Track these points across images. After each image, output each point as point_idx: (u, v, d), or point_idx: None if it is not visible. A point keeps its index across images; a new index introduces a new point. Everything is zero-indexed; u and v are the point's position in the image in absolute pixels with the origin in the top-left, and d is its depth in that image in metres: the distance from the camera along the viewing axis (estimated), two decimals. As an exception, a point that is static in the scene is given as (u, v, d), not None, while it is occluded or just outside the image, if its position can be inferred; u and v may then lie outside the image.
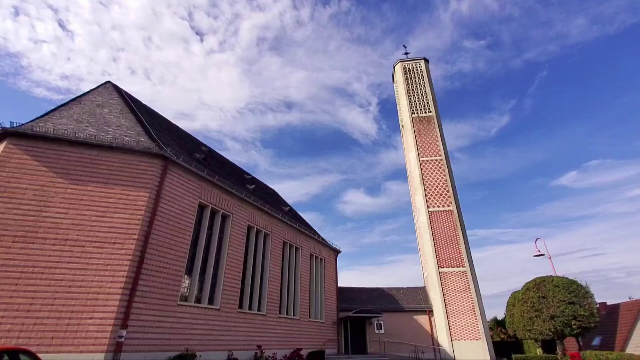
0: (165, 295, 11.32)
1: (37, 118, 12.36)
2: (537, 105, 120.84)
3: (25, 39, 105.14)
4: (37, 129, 11.20)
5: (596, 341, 23.01)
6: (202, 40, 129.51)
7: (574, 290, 18.29)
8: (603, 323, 22.55)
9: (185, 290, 12.57)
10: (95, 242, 10.32)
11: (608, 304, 24.84)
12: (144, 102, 18.39)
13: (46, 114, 12.77)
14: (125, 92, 17.07)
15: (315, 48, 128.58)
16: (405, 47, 37.79)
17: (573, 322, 17.68)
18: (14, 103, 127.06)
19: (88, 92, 15.36)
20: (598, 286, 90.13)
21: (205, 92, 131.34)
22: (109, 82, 16.71)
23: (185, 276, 12.61)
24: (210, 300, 13.50)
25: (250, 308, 15.57)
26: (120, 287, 9.92)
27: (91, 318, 9.40)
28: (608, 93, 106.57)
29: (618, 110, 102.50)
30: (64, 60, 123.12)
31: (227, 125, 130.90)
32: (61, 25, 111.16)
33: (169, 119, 20.18)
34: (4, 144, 10.78)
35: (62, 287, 9.54)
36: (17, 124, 11.10)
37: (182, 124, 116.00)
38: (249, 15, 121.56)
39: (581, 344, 21.38)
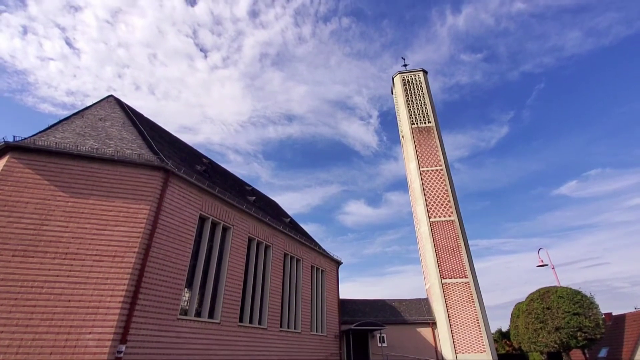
0: (165, 309, 11.20)
1: (40, 132, 12.46)
2: (535, 116, 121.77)
3: (32, 56, 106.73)
4: (40, 143, 11.28)
5: (603, 353, 22.57)
6: (206, 57, 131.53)
7: (578, 301, 18.05)
8: (609, 334, 22.18)
9: (186, 304, 12.44)
10: (95, 255, 10.27)
11: (614, 314, 24.47)
12: (146, 116, 18.56)
13: (49, 127, 12.88)
14: (128, 106, 17.24)
15: (317, 63, 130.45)
16: (404, 59, 37.97)
17: (579, 334, 17.38)
18: (20, 119, 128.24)
19: (90, 106, 15.51)
20: (602, 296, 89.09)
21: (208, 107, 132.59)
22: (111, 96, 16.88)
23: (186, 289, 12.50)
24: (211, 314, 13.35)
25: (250, 322, 15.38)
26: (119, 301, 9.82)
27: (90, 333, 9.28)
28: (606, 103, 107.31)
29: (616, 120, 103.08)
30: (70, 77, 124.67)
31: (230, 138, 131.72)
32: (68, 43, 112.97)
33: (171, 132, 20.34)
34: (6, 158, 10.84)
35: (61, 301, 9.45)
36: (20, 138, 11.18)
37: (185, 138, 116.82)
38: (252, 32, 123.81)
39: (587, 356, 20.98)
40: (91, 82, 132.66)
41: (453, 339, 23.10)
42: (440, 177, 28.97)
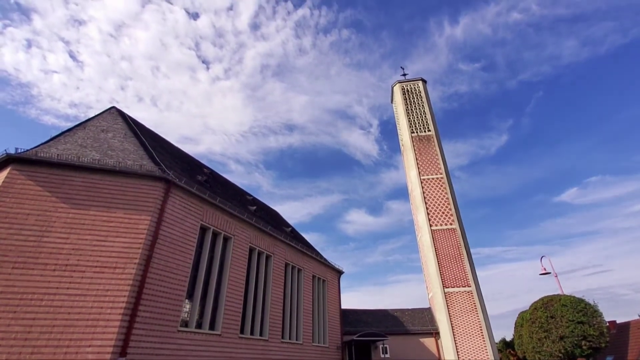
0: (166, 321, 11.10)
1: (42, 144, 12.53)
2: (534, 123, 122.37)
3: (36, 69, 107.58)
4: (41, 155, 11.33)
5: (608, 362, 22.25)
6: (208, 69, 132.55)
7: (582, 309, 17.86)
8: (614, 342, 21.88)
9: (186, 315, 12.33)
10: (96, 267, 10.23)
11: (618, 322, 24.19)
12: (148, 127, 18.65)
13: (51, 139, 12.95)
14: (130, 117, 17.35)
15: (317, 73, 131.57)
16: (403, 69, 38.39)
17: (583, 343, 17.16)
18: (22, 131, 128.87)
19: (93, 117, 15.61)
20: (606, 304, 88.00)
21: (210, 117, 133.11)
22: (113, 107, 17.01)
23: (186, 300, 12.40)
24: (212, 326, 13.21)
25: (252, 333, 15.21)
26: (120, 313, 9.75)
27: (90, 346, 9.18)
28: (603, 111, 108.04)
29: (614, 127, 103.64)
30: (73, 89, 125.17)
31: (231, 148, 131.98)
32: (72, 56, 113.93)
33: (173, 143, 20.42)
34: (7, 169, 10.88)
35: (61, 313, 9.38)
36: (22, 150, 11.24)
37: (187, 148, 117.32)
38: (253, 44, 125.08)
39: (593, 365, 20.66)
40: (94, 94, 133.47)
41: (456, 349, 22.81)
42: (441, 185, 28.97)
